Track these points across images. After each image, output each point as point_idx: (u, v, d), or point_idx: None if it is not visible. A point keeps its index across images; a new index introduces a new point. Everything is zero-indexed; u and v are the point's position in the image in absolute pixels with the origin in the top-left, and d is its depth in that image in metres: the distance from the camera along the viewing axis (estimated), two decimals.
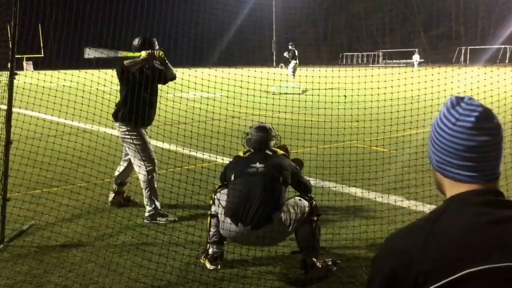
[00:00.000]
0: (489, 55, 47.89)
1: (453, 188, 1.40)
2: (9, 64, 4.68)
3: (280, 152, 4.50)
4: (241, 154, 4.51)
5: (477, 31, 66.24)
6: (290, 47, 27.09)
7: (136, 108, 5.45)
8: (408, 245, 1.31)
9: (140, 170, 5.65)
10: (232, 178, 4.31)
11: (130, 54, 5.54)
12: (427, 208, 5.56)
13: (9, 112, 4.69)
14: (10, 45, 4.79)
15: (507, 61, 49.58)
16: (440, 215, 1.34)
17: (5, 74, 5.13)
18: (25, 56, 46.16)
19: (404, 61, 57.54)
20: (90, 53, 5.60)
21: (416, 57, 52.27)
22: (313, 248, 4.11)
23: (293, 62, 26.56)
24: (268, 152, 4.40)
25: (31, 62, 50.97)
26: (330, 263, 4.18)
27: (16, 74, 4.73)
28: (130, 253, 4.69)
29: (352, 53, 71.36)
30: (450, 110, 1.39)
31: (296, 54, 26.80)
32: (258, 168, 4.23)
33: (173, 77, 5.80)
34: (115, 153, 5.63)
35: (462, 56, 57.01)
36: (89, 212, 5.66)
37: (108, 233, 5.19)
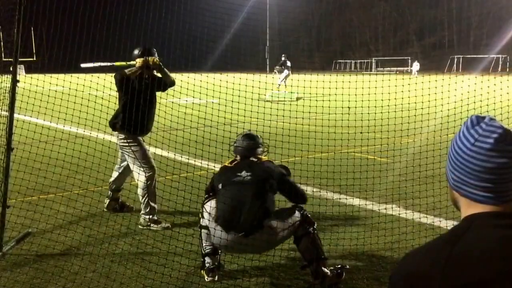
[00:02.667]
0: (482, 65, 48.22)
1: (469, 208, 1.40)
2: (11, 67, 4.66)
3: (265, 158, 4.52)
4: (227, 163, 4.52)
5: (469, 41, 66.75)
6: (282, 58, 26.94)
7: (135, 117, 5.52)
8: (427, 266, 1.30)
9: (139, 177, 5.68)
10: (220, 187, 4.33)
11: (124, 63, 5.68)
12: (423, 216, 5.57)
13: (10, 118, 4.65)
14: (3, 48, 4.78)
15: (499, 70, 49.94)
16: (459, 236, 1.33)
17: (2, 79, 5.11)
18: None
19: (396, 69, 57.77)
20: (86, 65, 5.78)
21: (415, 66, 52.44)
22: (320, 259, 4.13)
23: (285, 72, 26.45)
24: (253, 159, 4.43)
25: (22, 66, 50.68)
26: (340, 270, 4.21)
27: (18, 81, 4.71)
28: (129, 262, 4.66)
29: (345, 60, 71.62)
30: (470, 129, 1.38)
31: (289, 64, 26.68)
32: (244, 176, 4.25)
33: (172, 84, 5.90)
34: (113, 159, 5.60)
35: (455, 65, 57.37)
36: (86, 220, 5.62)
37: (107, 242, 5.15)
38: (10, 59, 4.80)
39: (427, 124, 7.08)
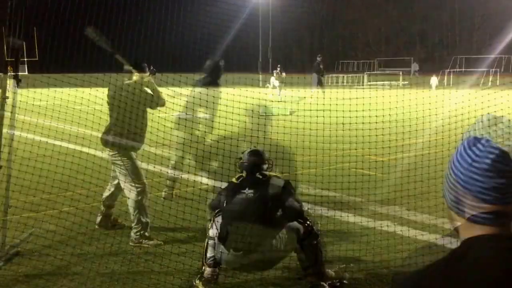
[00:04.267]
0: (484, 66, 48.04)
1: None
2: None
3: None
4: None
5: (472, 41, 66.65)
6: (318, 58, 24.09)
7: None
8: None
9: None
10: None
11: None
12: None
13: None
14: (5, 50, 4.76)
15: (502, 71, 49.78)
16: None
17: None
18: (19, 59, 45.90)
19: (399, 69, 57.76)
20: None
21: (415, 67, 52.80)
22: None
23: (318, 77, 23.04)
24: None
25: (25, 66, 50.74)
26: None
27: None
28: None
29: (348, 61, 71.61)
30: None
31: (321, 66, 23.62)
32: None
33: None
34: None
35: (458, 66, 57.22)
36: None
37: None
38: (12, 59, 4.78)
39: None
